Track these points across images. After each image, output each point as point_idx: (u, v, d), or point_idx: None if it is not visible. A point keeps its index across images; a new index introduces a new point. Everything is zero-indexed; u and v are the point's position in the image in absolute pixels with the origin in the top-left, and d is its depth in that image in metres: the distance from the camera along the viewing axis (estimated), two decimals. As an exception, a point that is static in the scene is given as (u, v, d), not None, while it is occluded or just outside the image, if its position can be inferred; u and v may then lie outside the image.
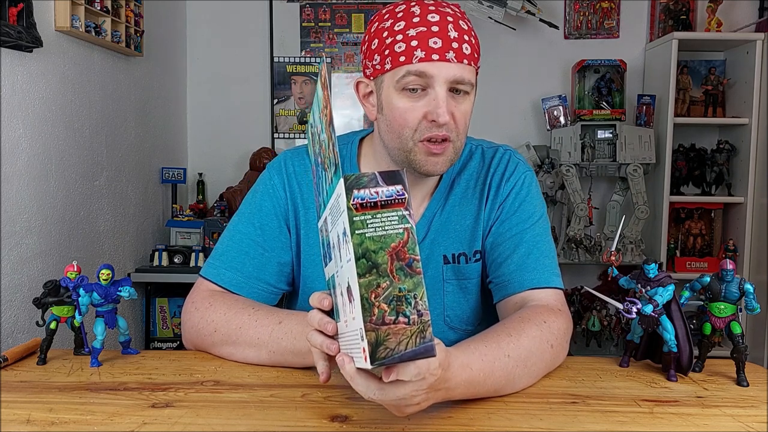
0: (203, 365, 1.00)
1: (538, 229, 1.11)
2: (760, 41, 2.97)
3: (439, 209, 1.14)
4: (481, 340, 0.88)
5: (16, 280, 1.98)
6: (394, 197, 0.63)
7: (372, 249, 0.62)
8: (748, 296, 0.93)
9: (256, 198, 1.16)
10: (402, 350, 0.61)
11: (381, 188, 0.63)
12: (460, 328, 1.16)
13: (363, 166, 1.16)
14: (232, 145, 3.37)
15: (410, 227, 0.62)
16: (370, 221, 0.62)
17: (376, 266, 0.62)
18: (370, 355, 0.61)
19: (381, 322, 0.61)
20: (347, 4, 3.36)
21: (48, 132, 2.14)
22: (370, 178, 0.63)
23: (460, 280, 1.14)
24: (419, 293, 0.62)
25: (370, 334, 0.61)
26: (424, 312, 0.62)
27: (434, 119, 0.99)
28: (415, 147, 1.03)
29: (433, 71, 0.98)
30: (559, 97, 3.21)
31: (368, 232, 0.62)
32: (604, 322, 3.10)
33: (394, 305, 0.62)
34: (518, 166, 1.15)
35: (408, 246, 0.62)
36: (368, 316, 0.61)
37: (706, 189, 3.22)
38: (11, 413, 0.80)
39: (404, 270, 0.62)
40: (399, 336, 0.61)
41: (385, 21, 1.03)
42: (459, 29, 1.00)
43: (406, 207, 0.63)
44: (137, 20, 2.67)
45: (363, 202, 0.62)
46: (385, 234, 0.62)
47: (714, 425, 0.79)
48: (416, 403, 0.72)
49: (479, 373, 0.82)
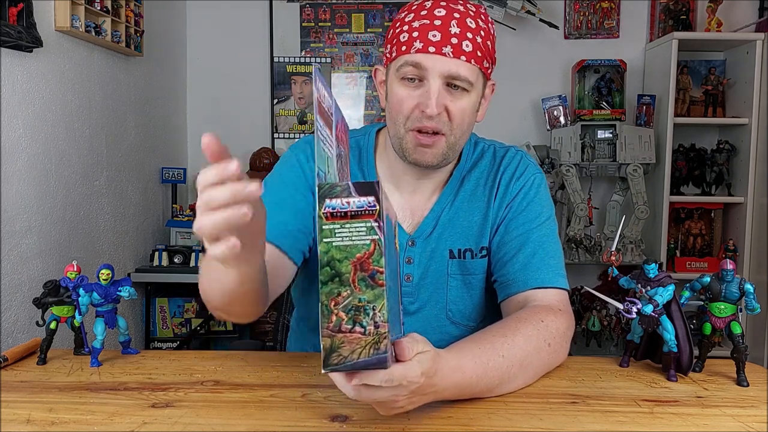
0: (203, 365, 1.00)
1: (544, 230, 1.12)
2: (760, 41, 2.97)
3: (448, 204, 1.15)
4: (475, 341, 0.88)
5: (16, 280, 1.98)
6: (365, 208, 0.64)
7: (337, 258, 0.63)
8: (748, 296, 0.93)
9: (282, 172, 1.16)
10: (355, 359, 0.63)
11: (353, 198, 0.64)
12: (462, 323, 1.16)
13: (378, 157, 1.18)
14: (232, 145, 3.31)
15: (377, 239, 0.63)
16: (339, 230, 0.64)
17: (339, 275, 0.63)
18: (323, 360, 0.63)
19: (337, 330, 0.63)
20: (347, 4, 3.36)
21: (48, 132, 2.14)
22: (343, 187, 0.64)
23: (465, 276, 1.15)
24: (379, 305, 0.63)
25: (326, 340, 0.63)
26: (381, 324, 0.63)
27: (423, 110, 1.01)
28: (406, 135, 1.05)
29: (428, 63, 1.01)
30: (559, 97, 3.21)
31: (335, 241, 0.64)
32: (604, 322, 3.10)
33: (352, 314, 0.63)
34: (528, 167, 1.17)
35: (373, 257, 0.63)
36: (326, 322, 0.63)
37: (706, 189, 3.22)
38: (11, 413, 0.80)
39: (366, 281, 0.63)
40: (353, 345, 0.63)
41: (402, 13, 1.07)
42: (463, 26, 1.01)
43: (377, 219, 0.64)
44: (137, 20, 2.67)
45: (334, 212, 0.64)
46: (351, 244, 0.64)
47: (714, 425, 0.79)
48: (400, 405, 0.73)
49: (471, 376, 0.82)
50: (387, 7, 3.35)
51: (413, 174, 1.14)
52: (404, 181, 1.15)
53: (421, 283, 1.15)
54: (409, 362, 0.70)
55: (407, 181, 1.15)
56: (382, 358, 0.63)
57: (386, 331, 0.63)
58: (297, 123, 3.40)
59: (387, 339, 0.63)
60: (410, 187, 1.15)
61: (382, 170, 1.18)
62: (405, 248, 1.14)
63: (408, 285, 1.14)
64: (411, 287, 1.14)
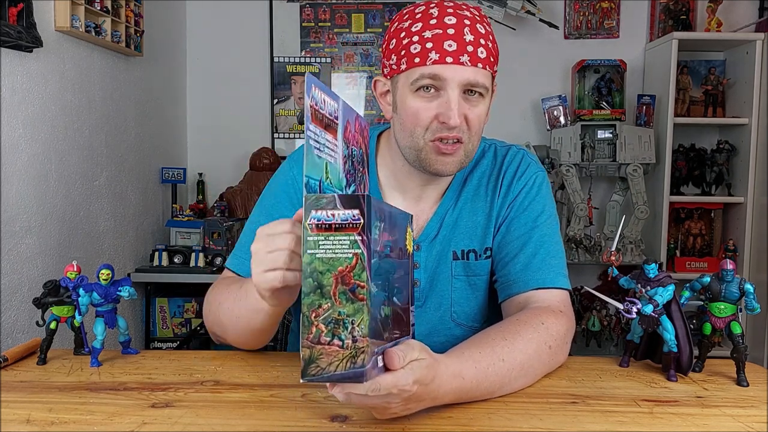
0: (203, 365, 1.00)
1: (546, 229, 1.11)
2: (760, 41, 2.97)
3: (451, 206, 1.14)
4: (475, 345, 0.88)
5: (16, 280, 1.98)
6: (350, 221, 0.64)
7: (319, 270, 0.64)
8: (748, 296, 0.93)
9: (276, 189, 1.16)
10: (332, 371, 0.64)
11: (338, 211, 0.64)
12: (467, 324, 1.15)
13: (380, 161, 1.17)
14: (232, 145, 3.37)
15: (360, 253, 0.64)
16: (323, 243, 0.64)
17: (320, 287, 0.64)
18: (302, 370, 0.64)
19: (317, 341, 0.64)
20: (347, 4, 3.36)
21: (48, 132, 2.14)
22: (329, 200, 0.65)
23: (469, 277, 1.14)
24: (358, 319, 0.64)
25: (305, 350, 0.64)
26: (360, 338, 0.64)
27: (445, 121, 1.00)
28: (426, 146, 1.03)
29: (447, 74, 0.99)
30: (559, 97, 3.21)
31: (319, 253, 0.64)
32: (604, 322, 3.10)
33: (331, 327, 0.64)
34: (530, 165, 1.16)
35: (354, 271, 0.64)
36: (306, 333, 0.64)
37: (706, 189, 3.22)
38: (11, 413, 0.80)
39: (347, 294, 0.64)
40: (331, 357, 0.64)
41: (404, 21, 1.03)
42: (475, 33, 0.99)
43: (360, 232, 0.64)
44: (137, 20, 2.67)
45: (319, 223, 0.64)
46: (334, 257, 0.64)
47: (714, 425, 0.79)
48: (393, 411, 0.74)
49: (471, 381, 0.82)
50: (387, 7, 3.35)
51: (419, 181, 1.12)
52: (409, 187, 1.14)
53: (428, 286, 1.14)
54: (401, 371, 0.70)
55: (412, 188, 1.14)
56: (358, 373, 0.64)
57: (364, 346, 0.63)
58: (297, 123, 3.40)
59: (365, 354, 0.63)
60: (415, 194, 1.14)
61: (384, 176, 1.16)
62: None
63: (416, 291, 1.13)
64: (418, 292, 1.13)
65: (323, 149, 0.73)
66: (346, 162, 0.78)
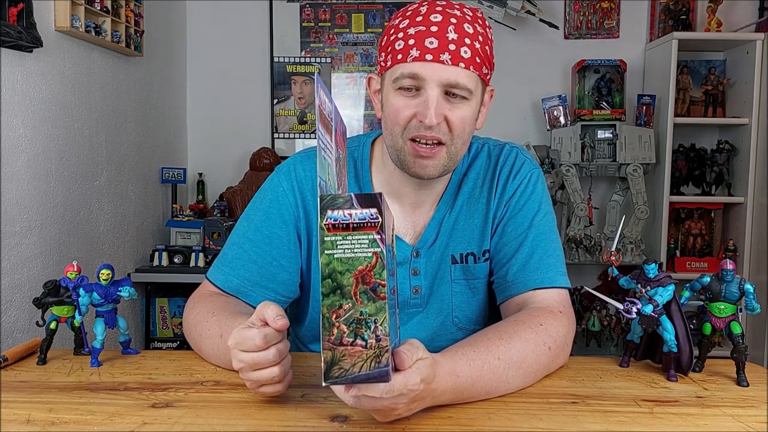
0: (203, 365, 1.00)
1: (542, 228, 1.09)
2: (760, 41, 2.97)
3: (447, 211, 1.13)
4: (470, 344, 0.87)
5: (16, 280, 1.98)
6: (367, 220, 0.64)
7: (339, 270, 0.63)
8: (748, 296, 0.93)
9: (264, 203, 1.12)
10: (356, 372, 0.63)
11: (355, 210, 0.64)
12: (468, 327, 1.15)
13: (375, 169, 1.14)
14: (232, 145, 3.37)
15: (380, 251, 0.63)
16: (341, 242, 0.63)
17: (340, 287, 0.63)
18: (324, 373, 0.63)
19: (339, 343, 0.63)
20: (347, 4, 3.36)
21: (48, 132, 2.14)
22: (345, 199, 0.64)
23: (469, 280, 1.13)
24: (381, 318, 0.63)
25: (327, 353, 0.63)
26: (383, 337, 0.63)
27: (422, 120, 0.98)
28: (404, 146, 1.02)
29: (426, 72, 0.97)
30: (559, 97, 3.21)
31: (337, 253, 0.63)
32: (604, 322, 3.10)
33: (353, 327, 0.63)
34: (525, 163, 1.14)
35: (375, 270, 0.63)
36: (327, 335, 0.63)
37: (706, 189, 3.22)
38: (11, 413, 0.80)
39: (368, 294, 0.63)
40: (354, 358, 0.63)
41: (396, 18, 1.03)
42: (461, 32, 0.97)
43: (379, 231, 0.63)
44: (137, 20, 2.67)
45: (335, 223, 0.64)
46: (354, 257, 0.63)
47: (714, 425, 0.79)
48: (398, 413, 0.73)
49: (466, 379, 0.81)
50: (387, 7, 3.35)
51: (413, 186, 1.10)
52: (404, 193, 1.11)
53: (429, 292, 1.13)
54: (409, 370, 0.69)
55: (407, 194, 1.11)
56: (383, 372, 0.63)
57: (387, 345, 0.63)
58: (297, 123, 3.40)
59: (388, 352, 0.63)
60: (411, 200, 1.12)
61: (379, 183, 1.13)
62: (410, 260, 1.11)
63: (417, 297, 1.12)
64: (419, 298, 1.12)
65: (326, 150, 0.73)
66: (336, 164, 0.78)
